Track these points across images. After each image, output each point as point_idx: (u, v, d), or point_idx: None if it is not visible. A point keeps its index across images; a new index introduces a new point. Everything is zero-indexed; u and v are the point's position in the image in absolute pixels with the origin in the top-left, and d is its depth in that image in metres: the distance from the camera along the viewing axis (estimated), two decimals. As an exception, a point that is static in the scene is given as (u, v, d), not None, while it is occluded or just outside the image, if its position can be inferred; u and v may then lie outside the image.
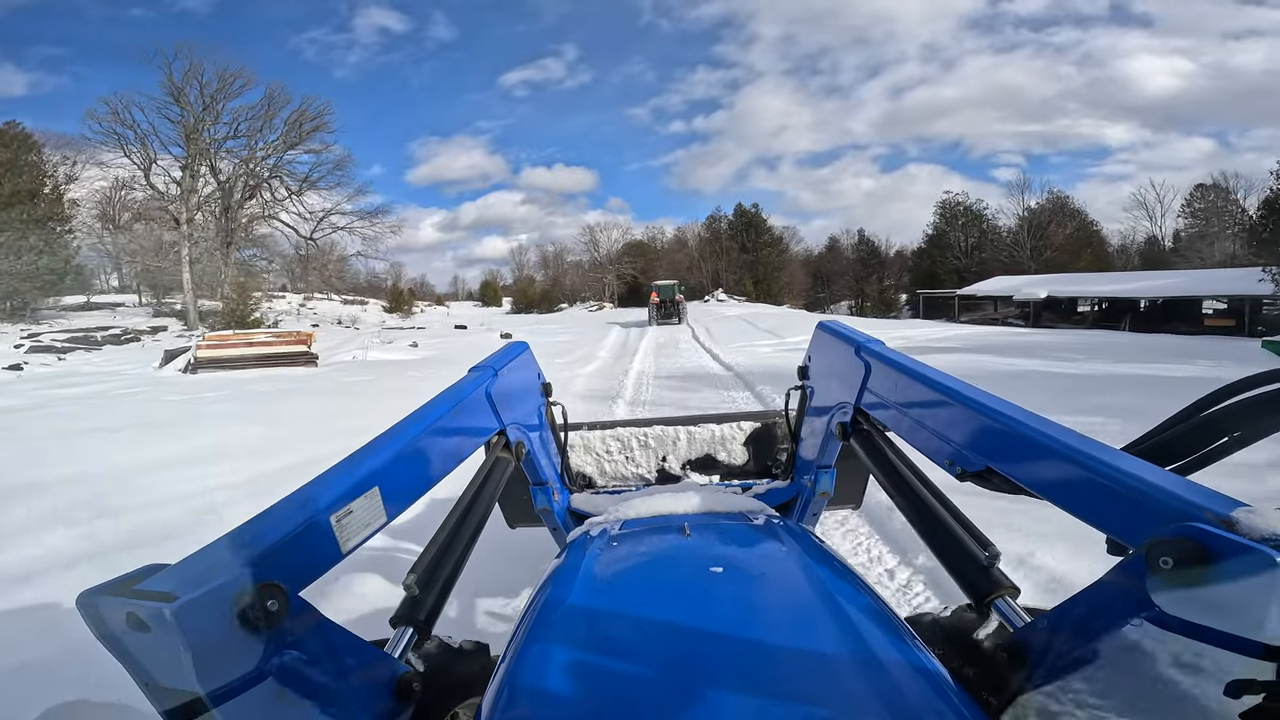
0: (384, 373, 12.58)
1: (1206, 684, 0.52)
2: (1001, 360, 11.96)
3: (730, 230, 55.87)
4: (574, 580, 0.97)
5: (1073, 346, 14.68)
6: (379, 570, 2.75)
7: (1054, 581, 2.52)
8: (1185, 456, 0.79)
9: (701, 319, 28.11)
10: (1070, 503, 0.71)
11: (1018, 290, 31.32)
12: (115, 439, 6.32)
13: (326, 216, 30.86)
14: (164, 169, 27.88)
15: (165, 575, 0.60)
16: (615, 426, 2.18)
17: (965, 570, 0.91)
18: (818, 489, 1.63)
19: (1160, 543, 0.54)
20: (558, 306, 54.42)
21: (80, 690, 1.43)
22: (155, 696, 0.57)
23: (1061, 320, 29.77)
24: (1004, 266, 42.47)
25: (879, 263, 59.51)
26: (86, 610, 0.56)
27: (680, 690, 0.65)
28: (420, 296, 70.17)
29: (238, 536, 0.68)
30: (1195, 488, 0.62)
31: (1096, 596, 0.64)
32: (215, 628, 0.57)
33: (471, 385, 1.22)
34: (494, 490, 1.22)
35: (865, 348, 1.23)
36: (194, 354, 13.72)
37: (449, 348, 18.58)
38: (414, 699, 0.79)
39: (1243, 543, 0.50)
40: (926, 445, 0.99)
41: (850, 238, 61.84)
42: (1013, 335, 19.37)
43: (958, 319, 34.67)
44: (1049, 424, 0.78)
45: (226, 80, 28.71)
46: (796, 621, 0.80)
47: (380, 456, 0.88)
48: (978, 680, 0.77)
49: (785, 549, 1.04)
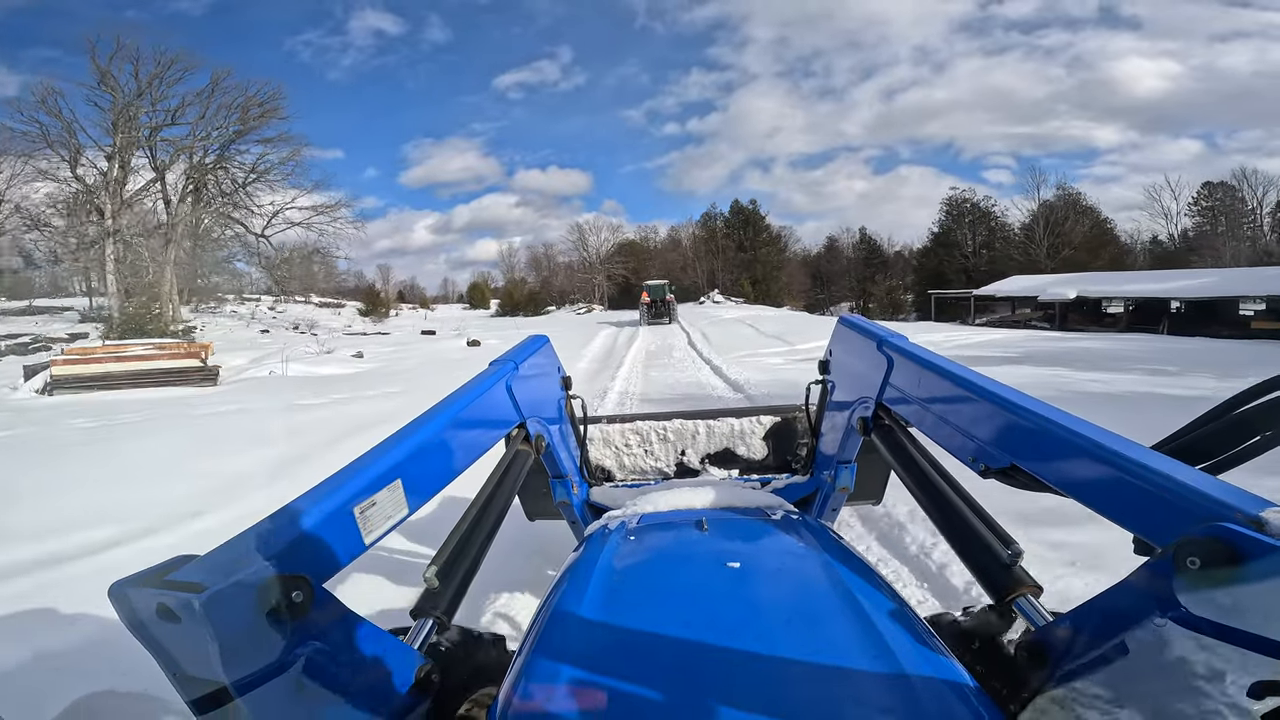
0: (286, 398, 9.77)
1: (1230, 685, 0.51)
2: (1078, 375, 9.37)
3: (727, 228, 52.89)
4: (591, 574, 0.95)
5: (1145, 356, 12.07)
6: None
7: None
8: (1216, 455, 0.77)
9: (697, 322, 25.47)
10: (1097, 501, 0.70)
11: (1042, 290, 28.73)
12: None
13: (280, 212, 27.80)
14: (90, 160, 24.74)
15: (195, 566, 0.61)
16: (635, 420, 2.15)
17: (987, 568, 0.89)
18: (838, 484, 1.64)
19: (1189, 542, 0.54)
20: (544, 309, 51.59)
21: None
22: (182, 685, 0.58)
23: (1089, 322, 27.24)
24: (1019, 266, 39.93)
25: (881, 262, 57.03)
26: (119, 600, 0.57)
27: (695, 686, 0.66)
28: (410, 299, 69.78)
29: (264, 529, 0.68)
30: (1225, 487, 0.60)
31: (1121, 596, 0.63)
32: (242, 618, 0.58)
33: (492, 378, 1.23)
34: (514, 483, 1.23)
35: (888, 342, 1.23)
36: (50, 372, 10.86)
37: (400, 359, 15.76)
38: (433, 690, 0.79)
39: (1272, 543, 0.49)
40: (949, 441, 0.98)
41: (850, 236, 59.43)
42: (1052, 341, 16.74)
43: (973, 321, 32.15)
44: (1076, 420, 0.77)
45: (164, 64, 25.54)
46: (813, 618, 0.79)
47: (402, 449, 0.88)
48: (997, 679, 0.75)
49: (803, 545, 1.03)
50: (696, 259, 51.67)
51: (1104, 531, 0.81)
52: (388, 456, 0.86)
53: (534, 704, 0.68)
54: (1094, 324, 26.82)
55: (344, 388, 10.29)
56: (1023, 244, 42.60)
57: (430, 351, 16.78)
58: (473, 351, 16.34)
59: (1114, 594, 0.64)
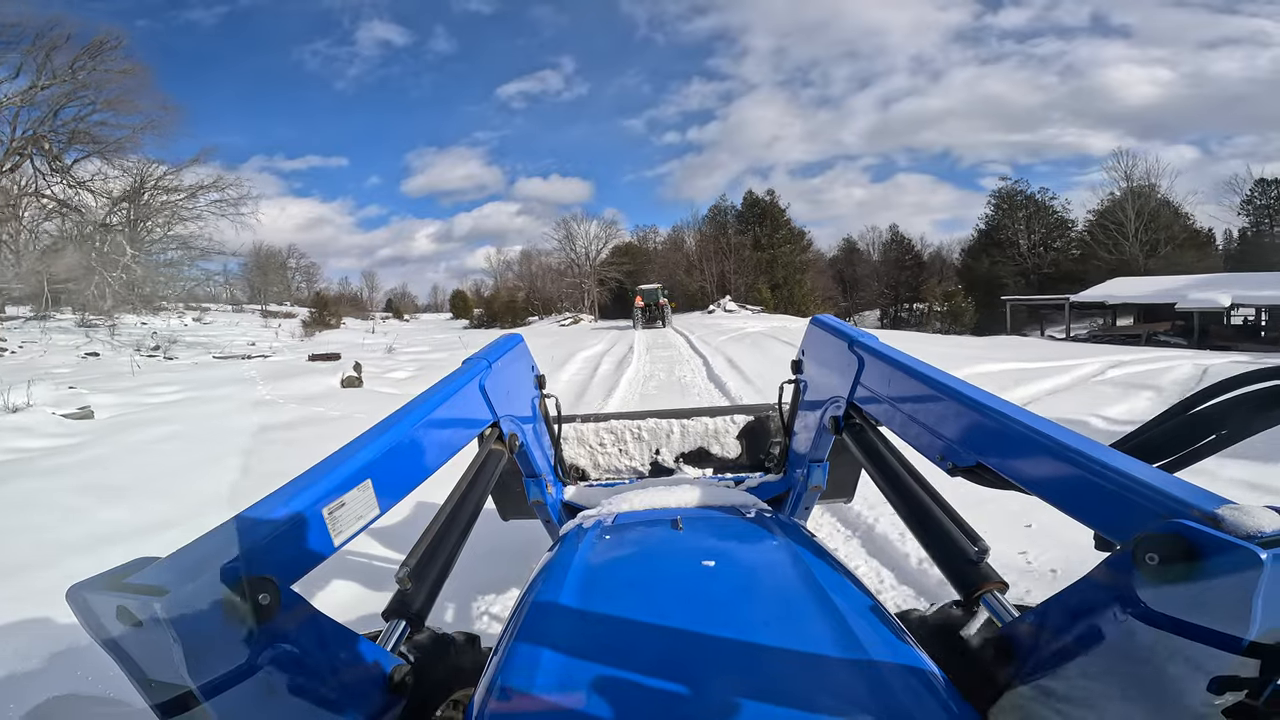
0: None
1: (1190, 679, 0.52)
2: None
3: (739, 224, 45.19)
4: (566, 573, 0.95)
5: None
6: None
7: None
8: (1173, 454, 0.79)
9: (712, 338, 18.18)
10: (1059, 499, 0.71)
11: (1182, 296, 21.19)
12: None
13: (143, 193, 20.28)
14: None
15: (157, 569, 0.59)
16: (609, 419, 2.13)
17: (954, 564, 0.90)
18: (810, 482, 1.64)
19: (1147, 539, 0.54)
20: (525, 320, 44.17)
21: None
22: (146, 691, 0.56)
23: (1244, 338, 19.95)
24: (1105, 267, 32.47)
25: (916, 264, 49.66)
26: (77, 604, 0.56)
27: (670, 684, 0.66)
28: (403, 308, 69.91)
29: (229, 530, 0.67)
30: (1182, 485, 0.61)
31: (1083, 592, 0.64)
32: (206, 622, 0.57)
33: (465, 377, 1.20)
34: (487, 482, 1.21)
35: (858, 342, 1.23)
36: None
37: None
38: (406, 692, 0.78)
39: (1228, 540, 0.50)
40: (918, 440, 0.99)
41: (877, 236, 52.08)
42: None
43: (1069, 334, 24.71)
44: (1039, 420, 0.78)
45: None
46: (786, 615, 0.80)
47: (373, 449, 0.87)
48: (966, 674, 0.76)
49: (776, 543, 1.04)
50: (703, 260, 43.93)
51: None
52: (358, 456, 0.84)
53: (510, 704, 0.68)
54: (1250, 340, 19.48)
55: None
56: (1102, 241, 34.98)
57: (201, 417, 8.71)
58: (292, 415, 8.60)
59: (1076, 590, 0.65)
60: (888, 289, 48.62)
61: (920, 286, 46.04)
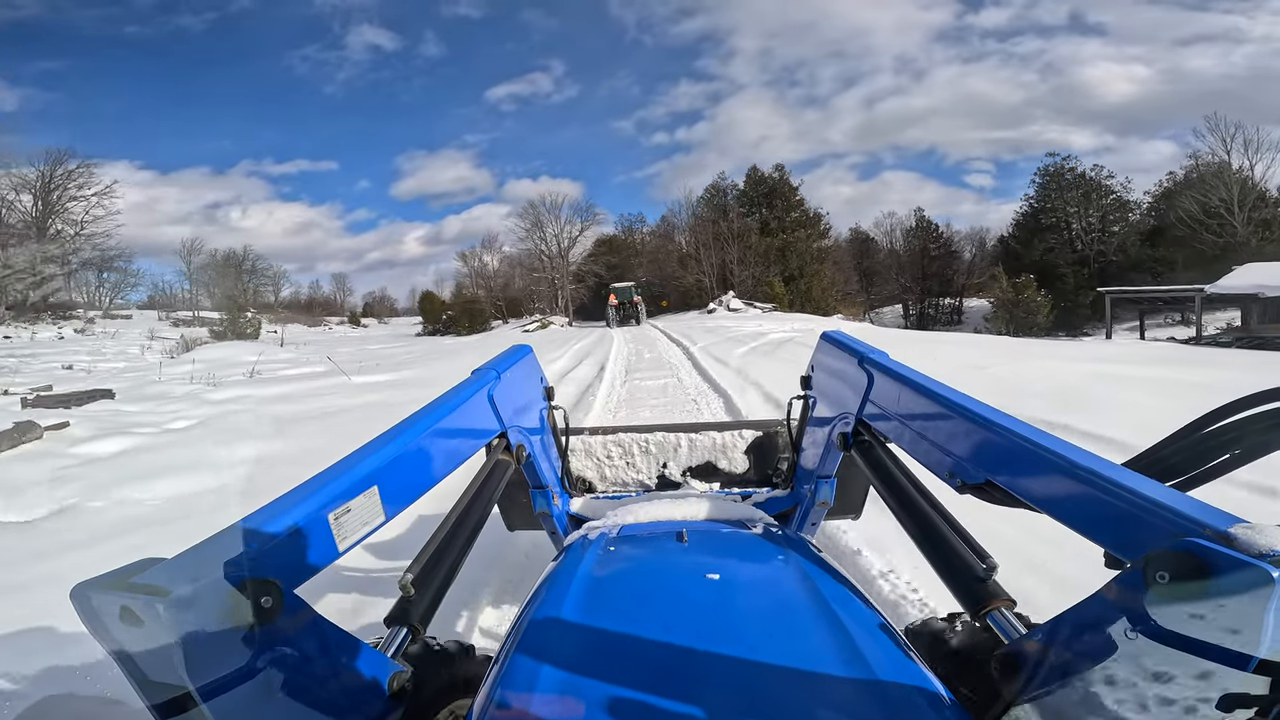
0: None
1: (1199, 697, 0.52)
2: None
3: (743, 206, 38.17)
4: (569, 585, 0.94)
5: None
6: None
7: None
8: (1186, 473, 0.78)
9: (726, 353, 11.35)
10: (1069, 517, 0.71)
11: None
12: None
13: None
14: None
15: (161, 569, 0.60)
16: (617, 432, 2.13)
17: (962, 581, 0.90)
18: (817, 498, 1.63)
19: (1158, 556, 0.54)
20: (487, 324, 37.08)
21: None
22: (145, 690, 0.57)
23: None
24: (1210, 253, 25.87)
25: (946, 252, 43.07)
26: (80, 602, 0.56)
27: (673, 697, 0.66)
28: (378, 311, 67.28)
29: (234, 533, 0.67)
30: (1194, 503, 0.61)
31: (1092, 609, 0.64)
32: (208, 623, 0.57)
33: (474, 387, 1.20)
34: (493, 492, 1.21)
35: (868, 359, 1.22)
36: None
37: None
38: (405, 699, 0.79)
39: (1240, 558, 0.49)
40: (927, 457, 0.99)
41: (898, 222, 45.44)
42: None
43: (1200, 337, 18.12)
44: (1049, 438, 0.77)
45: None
46: (791, 630, 0.80)
47: (380, 456, 0.87)
48: (972, 691, 0.76)
49: (782, 558, 1.04)
50: (700, 250, 36.87)
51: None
52: (365, 463, 0.84)
53: (509, 715, 0.67)
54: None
55: None
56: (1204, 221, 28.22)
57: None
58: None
59: (1085, 607, 0.65)
60: (914, 282, 41.97)
61: (952, 278, 39.47)
